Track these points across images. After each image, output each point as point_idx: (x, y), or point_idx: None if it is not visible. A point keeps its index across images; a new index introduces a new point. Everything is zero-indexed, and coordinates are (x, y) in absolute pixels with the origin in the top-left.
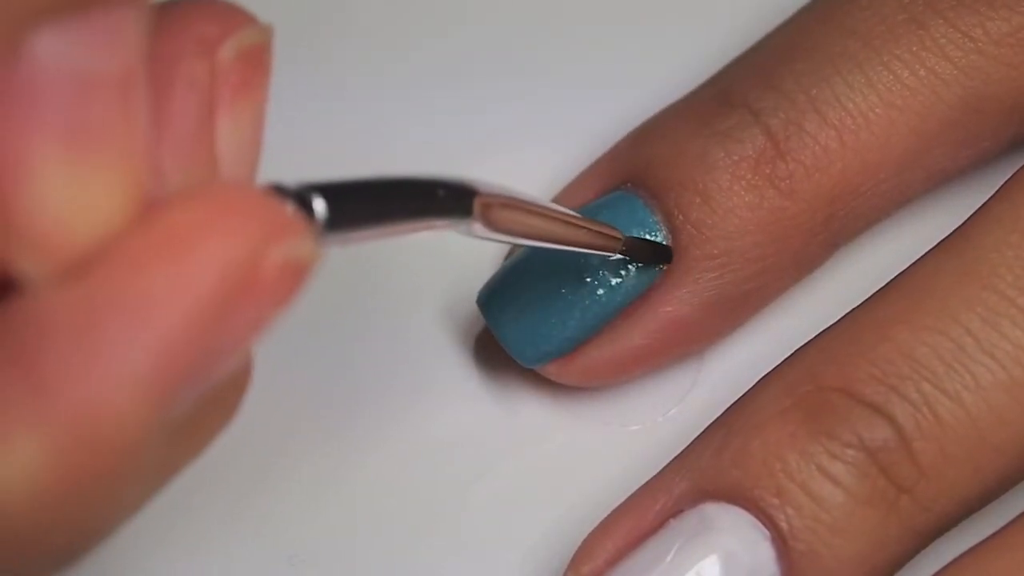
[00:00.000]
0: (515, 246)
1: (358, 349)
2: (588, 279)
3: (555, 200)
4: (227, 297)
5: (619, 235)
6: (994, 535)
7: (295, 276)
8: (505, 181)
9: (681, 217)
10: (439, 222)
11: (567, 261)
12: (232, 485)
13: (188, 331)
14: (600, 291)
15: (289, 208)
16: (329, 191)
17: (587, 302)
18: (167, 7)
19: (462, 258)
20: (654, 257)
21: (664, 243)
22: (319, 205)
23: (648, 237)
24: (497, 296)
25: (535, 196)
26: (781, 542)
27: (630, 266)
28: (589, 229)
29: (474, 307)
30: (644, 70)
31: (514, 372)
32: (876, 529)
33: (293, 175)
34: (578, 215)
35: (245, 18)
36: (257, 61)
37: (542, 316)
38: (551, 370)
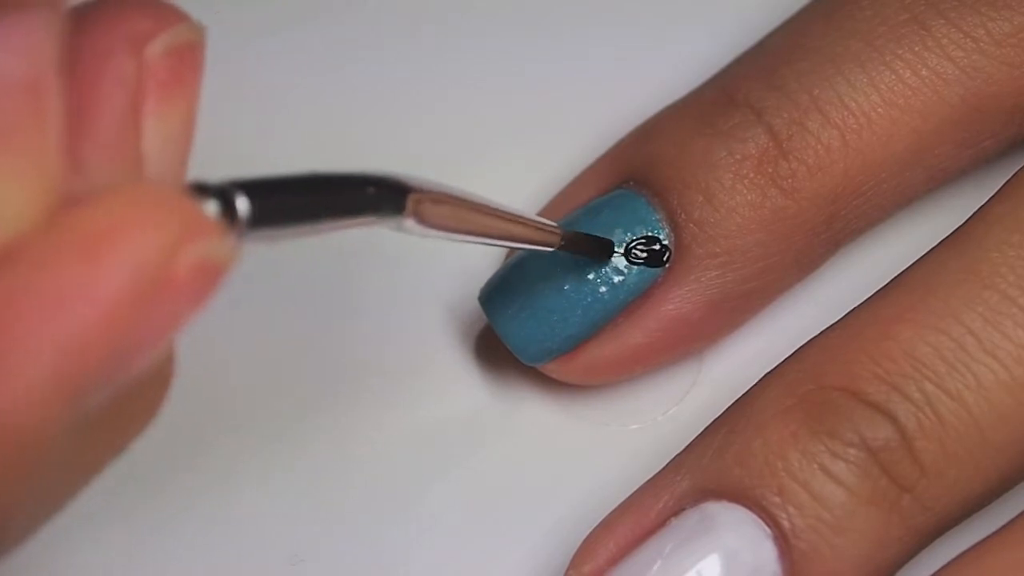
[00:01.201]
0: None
1: (359, 347)
2: (590, 277)
3: (557, 199)
4: (138, 297)
5: (558, 230)
6: (994, 534)
7: (210, 276)
8: (505, 180)
9: (683, 216)
10: (369, 219)
11: (569, 259)
12: (233, 485)
13: (97, 330)
14: (602, 289)
15: (211, 206)
16: (253, 188)
17: (589, 300)
18: (100, 3)
19: (464, 256)
20: (596, 251)
21: (604, 238)
22: (242, 203)
23: (653, 233)
24: (499, 293)
25: (470, 191)
26: (783, 541)
27: (632, 264)
28: (526, 224)
29: (476, 304)
30: (644, 70)
31: (516, 370)
32: (878, 528)
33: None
34: (514, 210)
35: (177, 16)
36: (188, 59)
37: (544, 314)
38: (553, 368)
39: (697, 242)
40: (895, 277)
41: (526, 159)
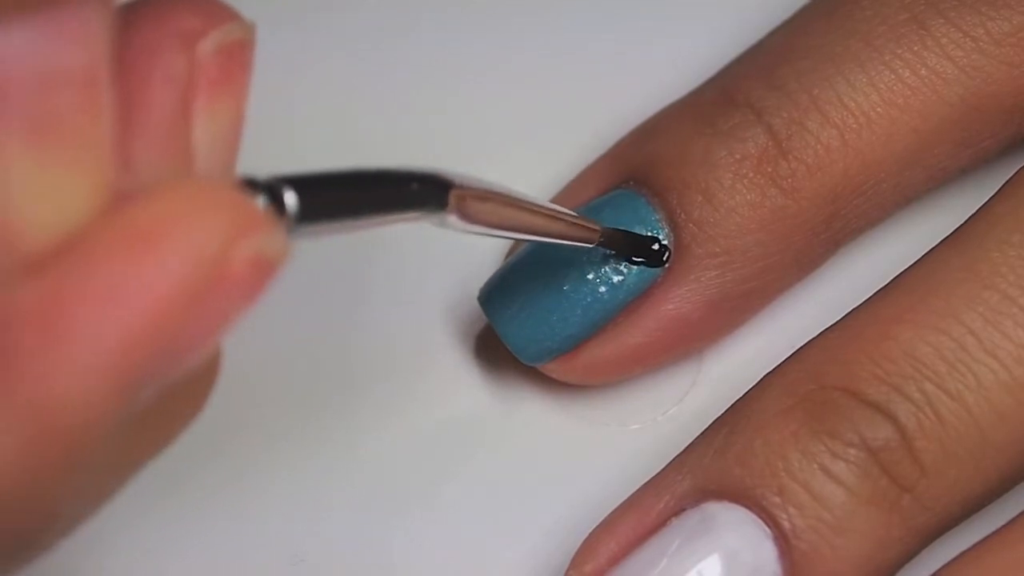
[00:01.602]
0: (516, 243)
1: (359, 347)
2: (590, 277)
3: (557, 198)
4: (194, 291)
5: (597, 227)
6: (994, 533)
7: (264, 271)
8: (506, 179)
9: (683, 215)
10: (413, 214)
11: (569, 259)
12: (233, 485)
13: (153, 325)
14: (602, 289)
15: (260, 201)
16: (301, 183)
17: (589, 300)
18: (150, 0)
19: (464, 255)
20: (633, 249)
21: (644, 235)
22: (290, 197)
23: (649, 233)
24: (499, 293)
25: (511, 188)
26: (783, 541)
27: (631, 264)
28: (566, 220)
29: (475, 304)
30: (644, 70)
31: (515, 370)
32: (878, 528)
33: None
34: (555, 207)
35: (228, 14)
36: (238, 57)
37: (544, 313)
38: (552, 368)
39: (697, 242)
40: (895, 277)
41: (526, 159)
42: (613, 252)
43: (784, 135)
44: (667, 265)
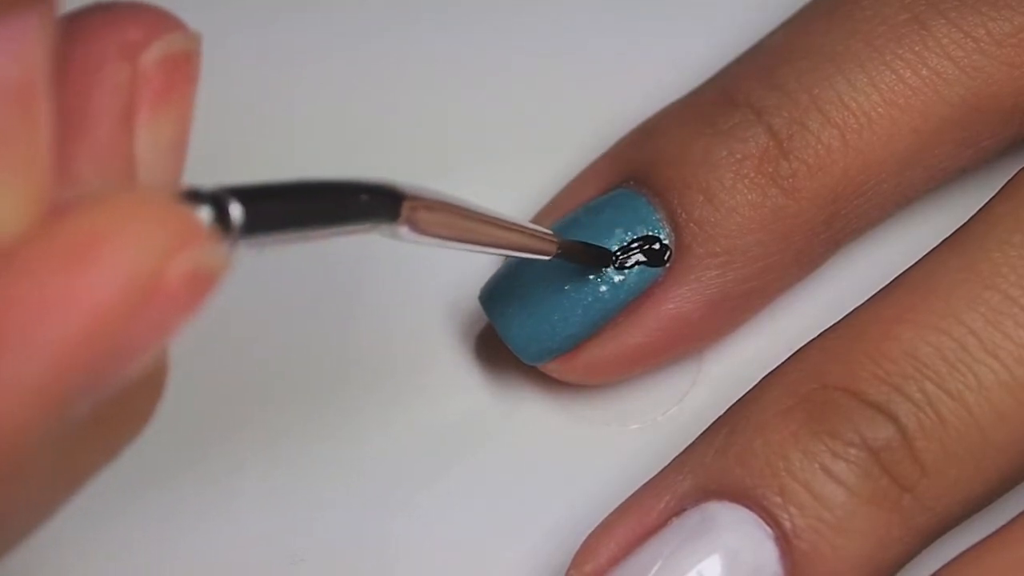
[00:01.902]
0: None
1: (359, 347)
2: (591, 276)
3: (558, 198)
4: (129, 305)
5: (554, 237)
6: (994, 533)
7: (202, 284)
8: (506, 179)
9: (684, 215)
10: (363, 226)
11: None
12: (233, 485)
13: (85, 337)
14: (602, 288)
15: (204, 213)
16: (246, 195)
17: (589, 299)
18: (94, 9)
19: (464, 255)
20: (592, 259)
21: (600, 247)
22: (235, 209)
23: (653, 232)
24: (499, 293)
25: (464, 199)
26: (784, 541)
27: (633, 264)
28: (523, 232)
29: (476, 304)
30: (644, 70)
31: (516, 369)
32: (879, 528)
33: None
34: (511, 218)
35: (173, 24)
36: (182, 68)
37: (544, 313)
38: (553, 367)
39: (697, 242)
40: (896, 277)
41: (526, 158)
42: (576, 264)
43: (785, 135)
44: (668, 265)
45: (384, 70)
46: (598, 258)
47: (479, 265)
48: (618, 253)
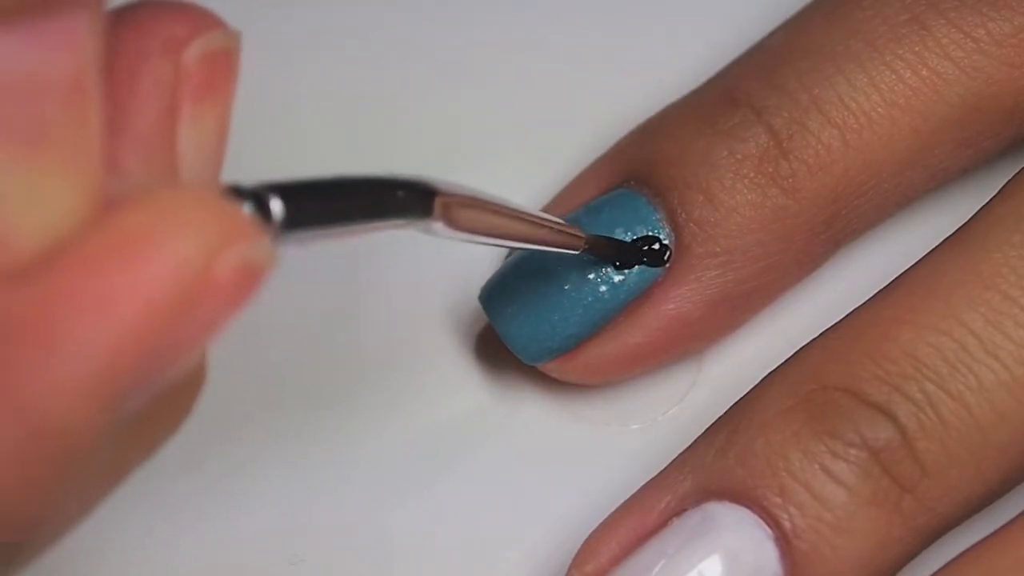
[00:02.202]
0: None
1: (359, 347)
2: (591, 276)
3: (558, 198)
4: (180, 300)
5: (581, 233)
6: (995, 533)
7: (250, 279)
8: (506, 179)
9: (684, 215)
10: (399, 222)
11: (569, 258)
12: (233, 484)
13: (139, 333)
14: (602, 288)
15: (246, 209)
16: (287, 191)
17: (589, 299)
18: (139, 6)
19: (464, 255)
20: (618, 255)
21: (627, 242)
22: (276, 205)
23: (653, 232)
24: (499, 293)
25: (496, 195)
26: (784, 541)
27: (618, 269)
28: (551, 227)
29: (476, 303)
30: (644, 70)
31: (516, 370)
32: (879, 529)
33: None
34: (540, 213)
35: (214, 21)
36: (223, 65)
37: (544, 313)
38: (553, 367)
39: (697, 242)
40: (896, 277)
41: (527, 158)
42: (598, 258)
43: (785, 135)
44: (668, 265)
45: (385, 70)
46: (625, 253)
47: (479, 265)
48: (647, 247)
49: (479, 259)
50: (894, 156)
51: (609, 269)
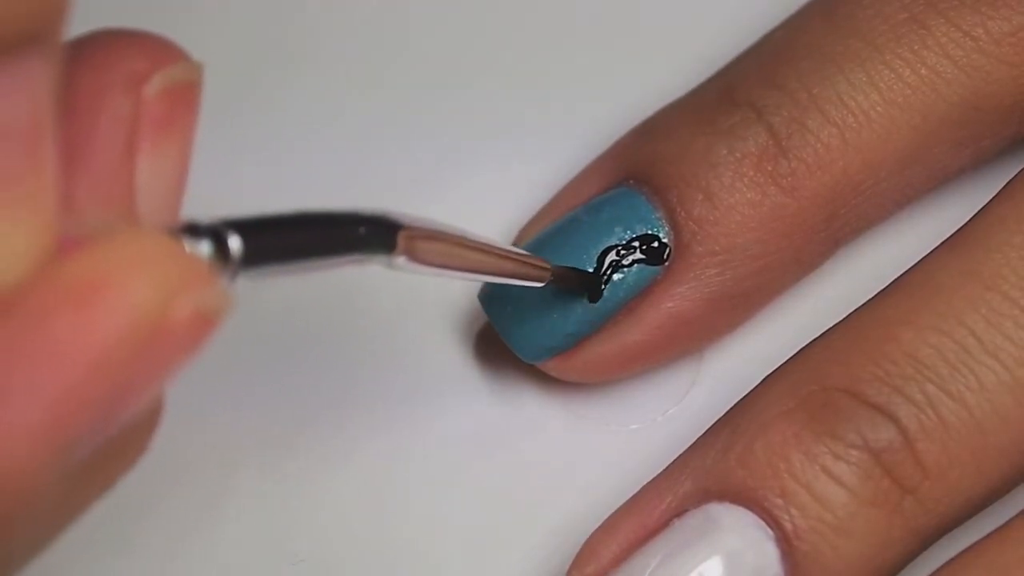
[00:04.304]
0: (518, 241)
1: (358, 346)
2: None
3: (558, 197)
4: (133, 347)
5: (547, 265)
6: (995, 531)
7: (204, 324)
8: (507, 179)
9: (683, 214)
10: (360, 257)
11: (569, 257)
12: (233, 484)
13: (90, 380)
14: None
15: (203, 246)
16: (245, 227)
17: None
18: (99, 37)
19: None
20: (582, 287)
21: (592, 273)
22: (234, 242)
23: (652, 231)
24: (499, 292)
25: (458, 227)
26: (785, 542)
27: (632, 263)
28: (516, 259)
29: (476, 304)
30: (644, 70)
31: (516, 369)
32: (880, 530)
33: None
34: (504, 246)
35: (175, 53)
36: (185, 98)
37: (544, 312)
38: (552, 366)
39: (697, 240)
40: (897, 278)
41: (527, 158)
42: (564, 290)
43: (784, 134)
44: (667, 263)
45: (385, 69)
46: (589, 284)
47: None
48: (607, 277)
49: None
50: (893, 155)
51: (609, 268)
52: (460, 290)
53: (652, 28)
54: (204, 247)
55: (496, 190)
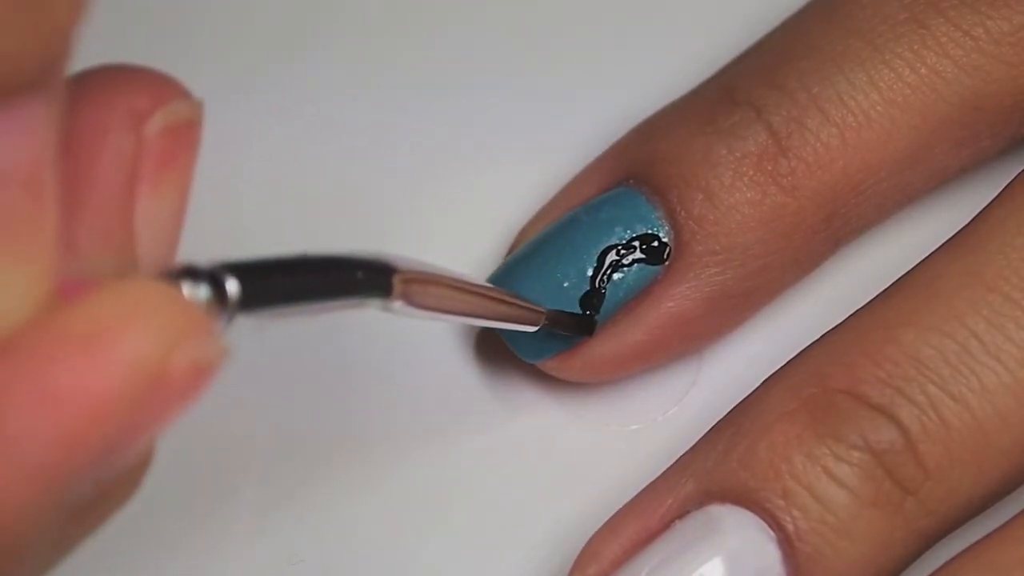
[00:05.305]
0: (518, 241)
1: (357, 346)
2: (590, 275)
3: (559, 197)
4: (131, 397)
5: (540, 309)
6: (996, 530)
7: (203, 374)
8: (507, 178)
9: (684, 213)
10: (357, 301)
11: (569, 256)
12: (233, 484)
13: (88, 427)
14: None
15: (200, 290)
16: (243, 270)
17: None
18: (100, 73)
19: (464, 254)
20: (576, 328)
21: (585, 315)
22: (232, 286)
23: (652, 231)
24: None
25: (455, 271)
26: (787, 544)
27: (632, 262)
28: (510, 303)
29: None
30: (644, 70)
31: (515, 369)
32: (881, 531)
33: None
34: (499, 289)
35: (177, 90)
36: (185, 137)
37: None
38: (552, 365)
39: (697, 240)
40: (898, 279)
41: (527, 157)
42: (560, 333)
43: (784, 133)
44: (667, 263)
45: (384, 70)
46: (583, 326)
47: (479, 264)
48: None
49: (479, 258)
50: (893, 155)
51: (609, 267)
52: None
53: (652, 28)
54: (202, 291)
55: (496, 190)
